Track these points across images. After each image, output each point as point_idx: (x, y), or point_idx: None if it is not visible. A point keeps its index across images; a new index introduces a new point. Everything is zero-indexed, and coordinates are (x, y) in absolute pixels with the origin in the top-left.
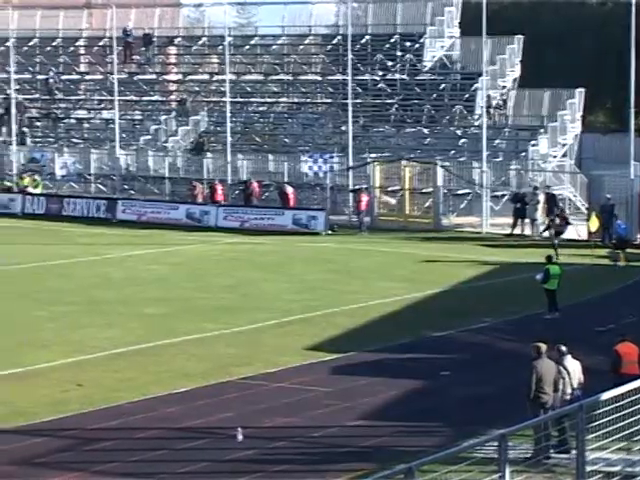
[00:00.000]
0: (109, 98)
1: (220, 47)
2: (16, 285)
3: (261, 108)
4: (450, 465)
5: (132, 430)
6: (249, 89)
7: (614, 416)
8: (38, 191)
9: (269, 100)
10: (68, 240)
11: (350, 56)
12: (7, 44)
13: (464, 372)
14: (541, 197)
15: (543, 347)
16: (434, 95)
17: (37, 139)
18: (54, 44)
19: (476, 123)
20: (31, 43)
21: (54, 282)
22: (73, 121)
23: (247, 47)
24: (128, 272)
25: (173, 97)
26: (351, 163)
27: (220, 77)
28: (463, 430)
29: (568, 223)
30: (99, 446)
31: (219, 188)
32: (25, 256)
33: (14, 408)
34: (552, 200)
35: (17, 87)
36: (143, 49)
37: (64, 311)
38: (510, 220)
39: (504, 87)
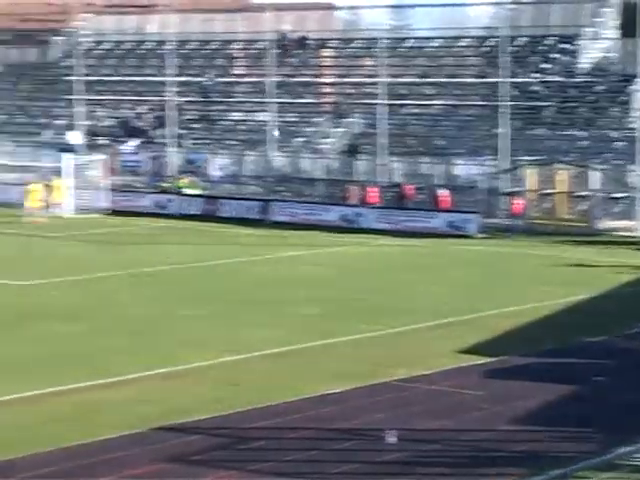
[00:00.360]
0: (264, 100)
1: (374, 49)
2: (174, 285)
3: (415, 110)
4: (604, 472)
5: (286, 430)
6: (403, 91)
7: None
8: (195, 192)
9: (423, 102)
10: (224, 241)
11: (505, 58)
12: (166, 47)
13: (618, 378)
14: None
15: None
16: (590, 97)
17: (193, 141)
18: (211, 47)
19: (632, 125)
20: (189, 46)
21: (211, 282)
22: (228, 123)
23: (402, 49)
24: (283, 273)
25: (327, 99)
26: (505, 166)
27: (374, 79)
28: (616, 437)
29: None
30: (253, 445)
31: (372, 190)
32: (182, 256)
33: (170, 406)
34: None
35: (175, 90)
36: (298, 52)
37: (220, 310)
38: None
39: None
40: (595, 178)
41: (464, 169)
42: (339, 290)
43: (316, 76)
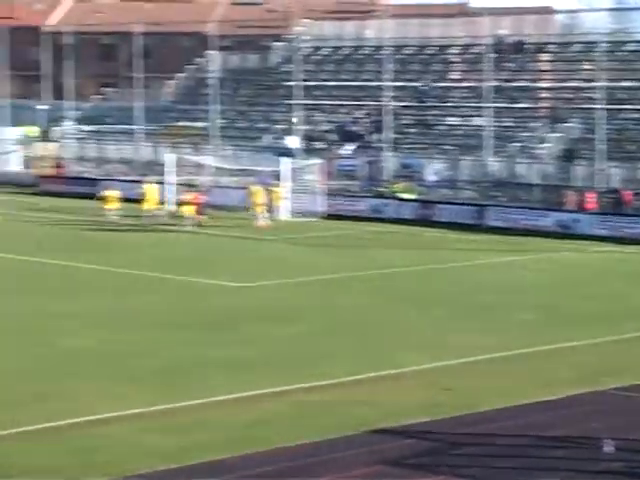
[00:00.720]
0: (480, 105)
1: (593, 53)
2: (390, 289)
3: (634, 115)
4: None
5: (497, 436)
6: (622, 95)
7: None
8: (410, 197)
9: None
10: (439, 245)
11: None
12: (384, 52)
13: None
14: None
15: None
16: None
17: (409, 146)
18: (427, 52)
19: None
20: (406, 51)
21: (428, 286)
22: (444, 128)
23: (621, 53)
24: (498, 278)
25: (544, 104)
26: None
27: (593, 84)
28: None
29: None
30: (464, 451)
31: (590, 196)
32: (398, 260)
33: (385, 409)
34: None
35: (391, 94)
36: (515, 56)
37: (438, 315)
38: None
39: None
40: None
41: None
42: (555, 296)
43: (533, 80)
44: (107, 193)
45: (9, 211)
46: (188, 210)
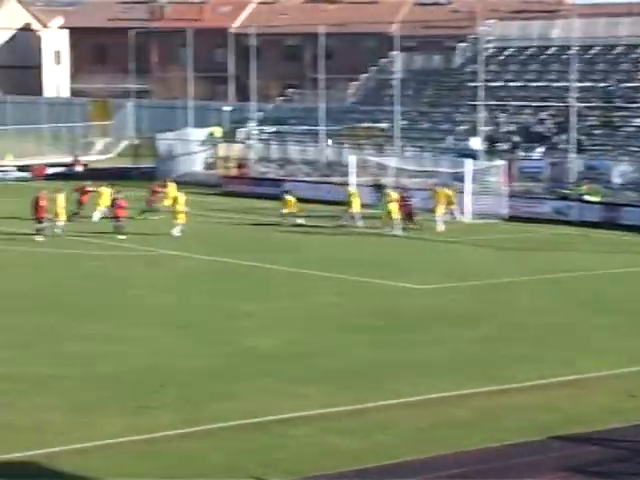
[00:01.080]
0: None
1: None
2: (574, 292)
3: None
4: None
5: None
6: None
7: None
8: (595, 199)
9: None
10: (623, 249)
11: None
12: (570, 52)
13: None
14: None
15: None
16: None
17: (595, 147)
18: (615, 52)
19: None
20: (593, 51)
21: (612, 290)
22: (632, 129)
23: None
24: None
25: None
26: None
27: None
28: None
29: None
30: None
31: None
32: (583, 264)
33: (568, 415)
34: None
35: (577, 95)
36: None
37: (622, 319)
38: None
39: None
40: None
41: None
42: None
43: None
44: (291, 194)
45: (194, 211)
46: (393, 212)
